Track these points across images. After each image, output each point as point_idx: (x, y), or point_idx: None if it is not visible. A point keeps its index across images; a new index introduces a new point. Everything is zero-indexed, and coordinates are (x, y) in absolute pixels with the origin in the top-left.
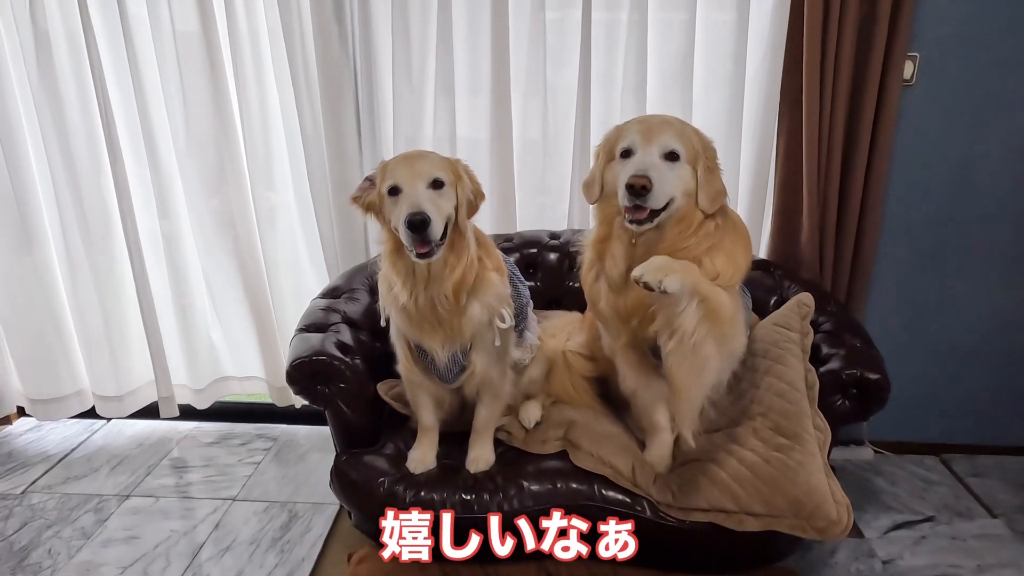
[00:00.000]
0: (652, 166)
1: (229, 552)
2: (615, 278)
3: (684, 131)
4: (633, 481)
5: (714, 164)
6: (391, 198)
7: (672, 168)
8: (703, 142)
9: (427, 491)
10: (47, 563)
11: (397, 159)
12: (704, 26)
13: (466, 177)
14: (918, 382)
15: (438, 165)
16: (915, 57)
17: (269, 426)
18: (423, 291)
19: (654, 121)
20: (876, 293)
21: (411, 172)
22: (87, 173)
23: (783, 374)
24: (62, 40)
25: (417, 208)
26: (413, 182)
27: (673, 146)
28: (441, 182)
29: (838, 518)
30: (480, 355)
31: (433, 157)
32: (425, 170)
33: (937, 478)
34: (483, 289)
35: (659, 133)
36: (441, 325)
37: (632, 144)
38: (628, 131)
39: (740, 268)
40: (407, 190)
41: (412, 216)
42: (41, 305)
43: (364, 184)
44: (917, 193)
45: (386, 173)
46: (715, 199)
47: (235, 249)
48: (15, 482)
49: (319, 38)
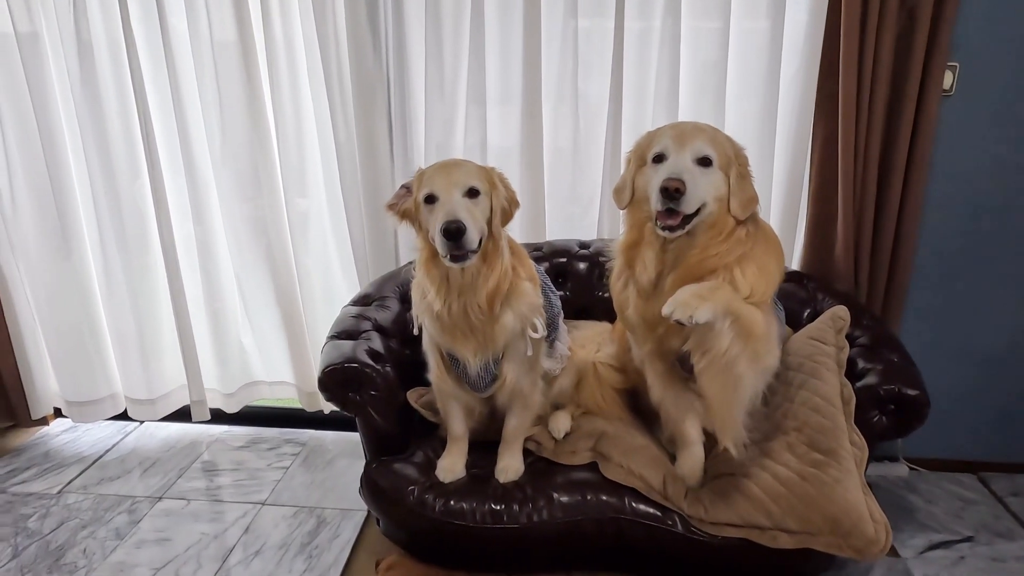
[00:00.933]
0: (685, 170)
1: (258, 556)
2: (644, 284)
3: (716, 137)
4: (664, 494)
5: (746, 170)
6: (427, 206)
7: (705, 173)
8: (735, 148)
9: (456, 500)
10: (82, 563)
11: (433, 167)
12: (738, 35)
13: (501, 185)
14: (954, 397)
15: (474, 174)
16: (955, 67)
17: (297, 431)
18: (457, 299)
19: (687, 127)
20: (911, 305)
21: (447, 180)
22: (125, 180)
23: (818, 388)
24: (104, 50)
25: (453, 216)
26: (449, 190)
27: (706, 151)
28: (476, 191)
29: (876, 537)
30: (512, 365)
31: (469, 166)
32: (461, 179)
33: (975, 497)
34: (516, 298)
35: (692, 138)
36: (474, 333)
37: (665, 149)
38: (661, 136)
39: (772, 281)
40: (443, 198)
41: (448, 224)
42: (78, 309)
43: (400, 192)
44: (955, 205)
45: (422, 181)
46: (747, 205)
47: (267, 255)
48: (52, 482)
49: (353, 47)
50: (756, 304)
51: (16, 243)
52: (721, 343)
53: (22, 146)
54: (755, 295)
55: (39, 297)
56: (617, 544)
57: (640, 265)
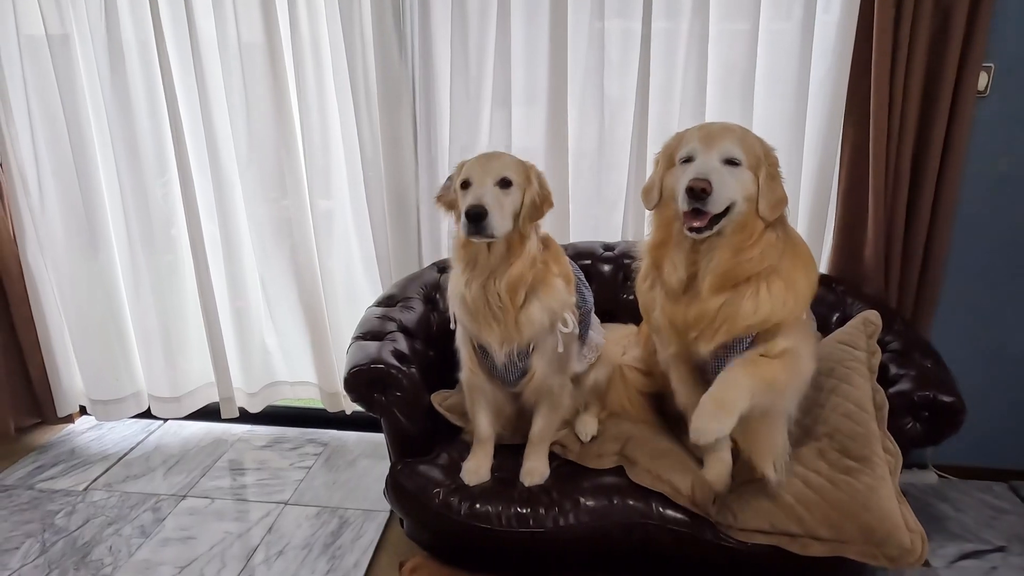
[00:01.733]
0: (713, 170)
1: (281, 556)
2: (674, 285)
3: (745, 138)
4: (692, 500)
5: (776, 171)
6: (462, 192)
7: (732, 173)
8: (765, 149)
9: (482, 503)
10: (108, 560)
11: (474, 158)
12: (767, 36)
13: (536, 182)
14: (986, 404)
15: (509, 166)
16: (990, 68)
17: (319, 431)
18: (480, 281)
19: (715, 128)
20: (942, 310)
21: (482, 169)
22: (152, 180)
23: (850, 394)
24: (134, 52)
25: (478, 200)
26: (483, 178)
27: (734, 152)
28: (509, 181)
29: (912, 547)
30: (540, 359)
31: (506, 158)
32: (495, 168)
33: (1007, 506)
34: (545, 292)
35: (720, 139)
36: (498, 321)
37: (692, 151)
38: (689, 137)
39: (801, 297)
40: (475, 185)
41: (471, 207)
42: (104, 308)
43: (446, 184)
44: (989, 208)
45: (462, 170)
46: (776, 207)
47: (291, 256)
48: (78, 479)
49: (379, 49)
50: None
51: (44, 242)
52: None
53: (51, 146)
54: (779, 314)
55: (66, 295)
56: (643, 549)
57: (669, 266)
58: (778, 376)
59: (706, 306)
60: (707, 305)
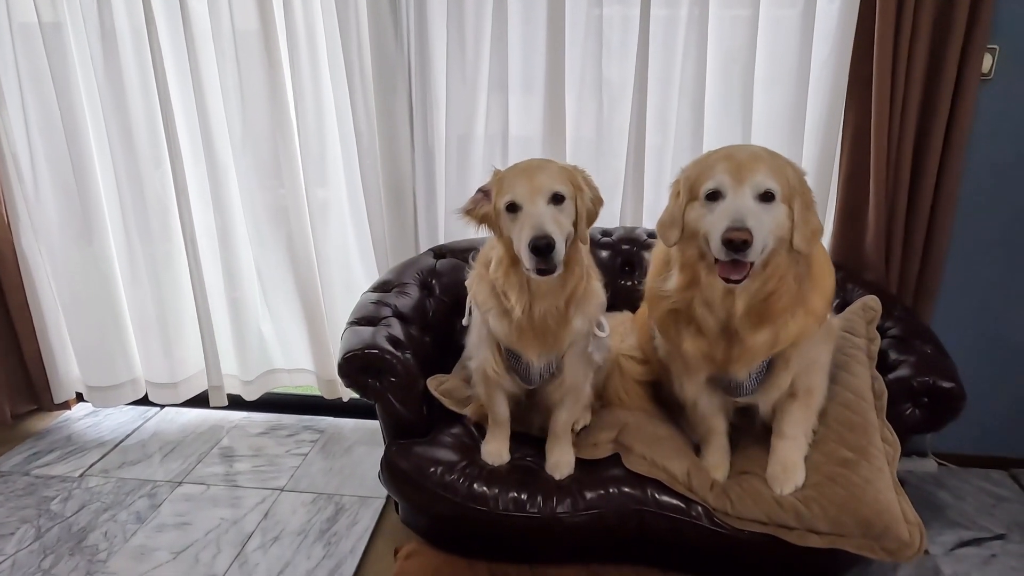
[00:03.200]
0: (750, 213)
1: (277, 542)
2: (712, 327)
3: (777, 164)
4: (688, 486)
5: (810, 199)
6: (509, 214)
7: (767, 211)
8: (798, 175)
9: (480, 484)
10: (103, 545)
11: (515, 171)
12: (767, 21)
13: (586, 187)
14: (986, 392)
15: (557, 177)
16: (994, 50)
17: (316, 418)
18: (536, 304)
19: (742, 156)
20: (943, 296)
21: (530, 187)
22: (147, 167)
23: (848, 382)
24: (127, 38)
25: (541, 232)
26: (533, 199)
27: (768, 185)
28: (562, 196)
29: (910, 540)
30: (572, 361)
31: (552, 168)
32: (545, 184)
33: (1007, 494)
34: (587, 300)
35: (751, 171)
36: (545, 336)
37: (720, 185)
38: (714, 169)
39: (820, 316)
40: (527, 208)
41: (536, 241)
42: (100, 294)
43: (477, 196)
44: (992, 193)
45: (503, 186)
46: (812, 239)
47: (287, 243)
48: (74, 465)
49: (374, 35)
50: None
51: (39, 228)
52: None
53: (45, 133)
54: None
55: (61, 282)
56: (639, 536)
57: (702, 309)
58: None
59: (750, 345)
60: (752, 344)
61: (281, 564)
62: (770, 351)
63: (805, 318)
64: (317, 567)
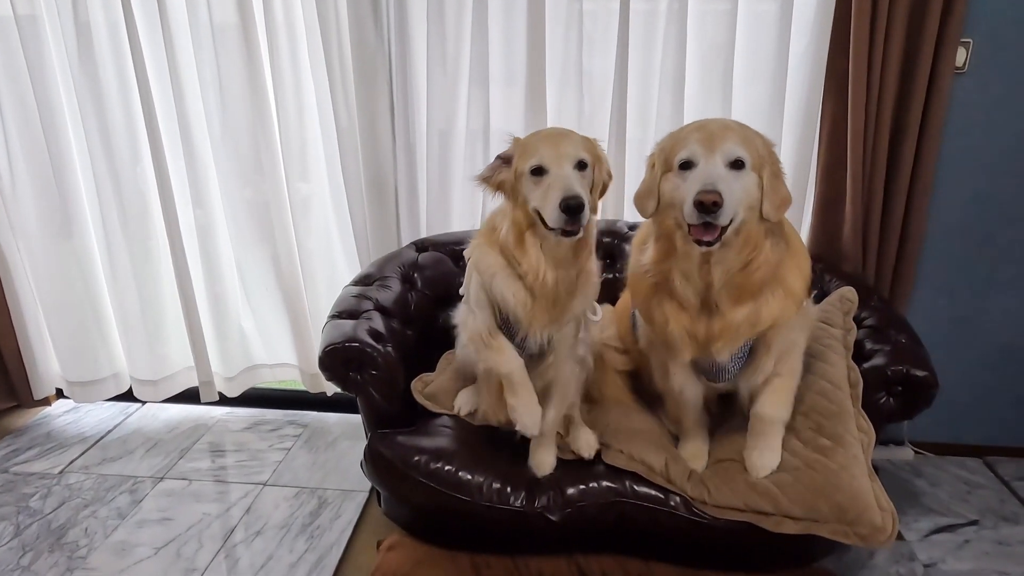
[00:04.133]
0: (720, 178)
1: (260, 536)
2: (690, 299)
3: (747, 135)
4: (667, 477)
5: (779, 169)
6: (533, 178)
7: (738, 178)
8: (767, 145)
9: (465, 473)
10: (83, 542)
11: (538, 137)
12: (746, 15)
13: (603, 158)
14: (962, 381)
15: (581, 145)
16: (968, 43)
17: (300, 413)
18: (553, 271)
19: (714, 127)
20: (920, 288)
21: (557, 152)
22: (126, 161)
23: (825, 372)
24: (104, 31)
25: (572, 192)
26: (560, 163)
27: (738, 153)
28: (585, 163)
29: (883, 525)
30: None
31: (575, 137)
32: (571, 151)
33: (981, 481)
34: (588, 279)
35: (721, 140)
36: (555, 305)
37: (693, 154)
38: (686, 139)
39: (799, 298)
40: (555, 171)
41: (568, 200)
42: (80, 289)
43: (495, 164)
44: (967, 185)
45: (527, 151)
46: (780, 207)
47: (268, 238)
48: (53, 462)
49: (354, 28)
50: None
51: (16, 224)
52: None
53: (22, 128)
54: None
55: (40, 277)
56: (619, 527)
57: (679, 280)
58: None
59: (731, 319)
60: (732, 318)
61: (264, 558)
62: (752, 330)
63: (785, 299)
64: (300, 560)
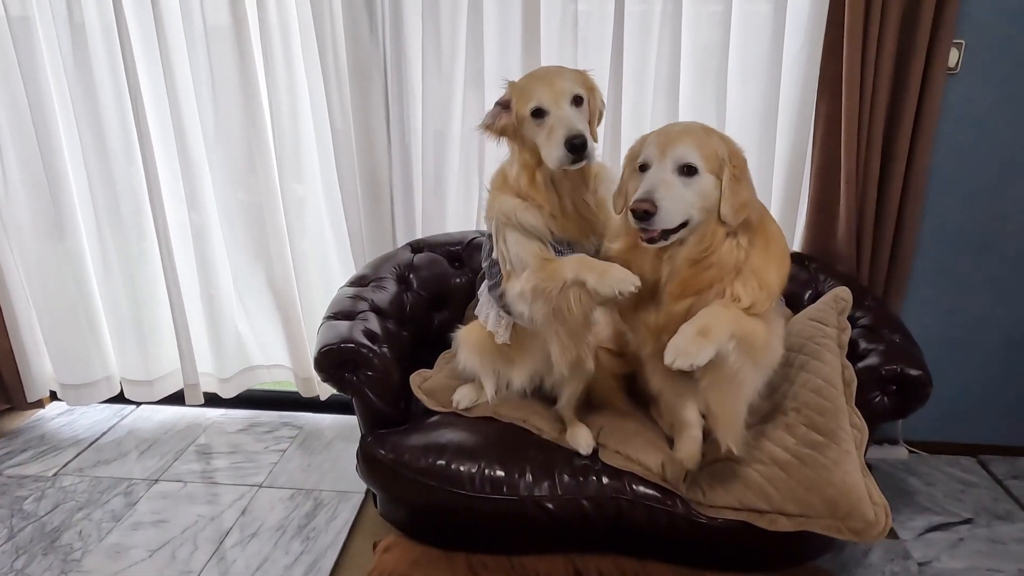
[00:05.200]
0: (660, 185)
1: (255, 538)
2: (645, 291)
3: (705, 140)
4: (663, 478)
5: (741, 173)
6: (535, 120)
7: (688, 184)
8: (730, 149)
9: (457, 463)
10: (78, 544)
11: (532, 78)
12: (740, 17)
13: (596, 88)
14: (955, 380)
15: (576, 81)
16: (960, 44)
17: (295, 414)
18: (568, 196)
19: (674, 131)
20: (914, 288)
21: (553, 92)
22: (119, 163)
23: (819, 370)
24: (97, 32)
25: (575, 131)
26: (558, 102)
27: (689, 159)
28: (581, 98)
29: (875, 520)
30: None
31: (569, 73)
32: (567, 87)
33: (975, 479)
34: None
35: (675, 144)
36: (586, 222)
37: (648, 158)
38: (648, 143)
39: (772, 292)
40: (554, 112)
41: (572, 139)
42: (72, 292)
43: (495, 110)
44: (960, 186)
45: (524, 94)
46: (739, 211)
47: (263, 240)
48: (47, 464)
49: (349, 29)
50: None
51: (9, 225)
52: (725, 363)
53: (14, 128)
54: (756, 308)
55: (32, 279)
56: (616, 525)
57: (637, 272)
58: (758, 331)
59: (671, 310)
60: (672, 309)
61: (259, 560)
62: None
63: (759, 291)
64: (295, 562)
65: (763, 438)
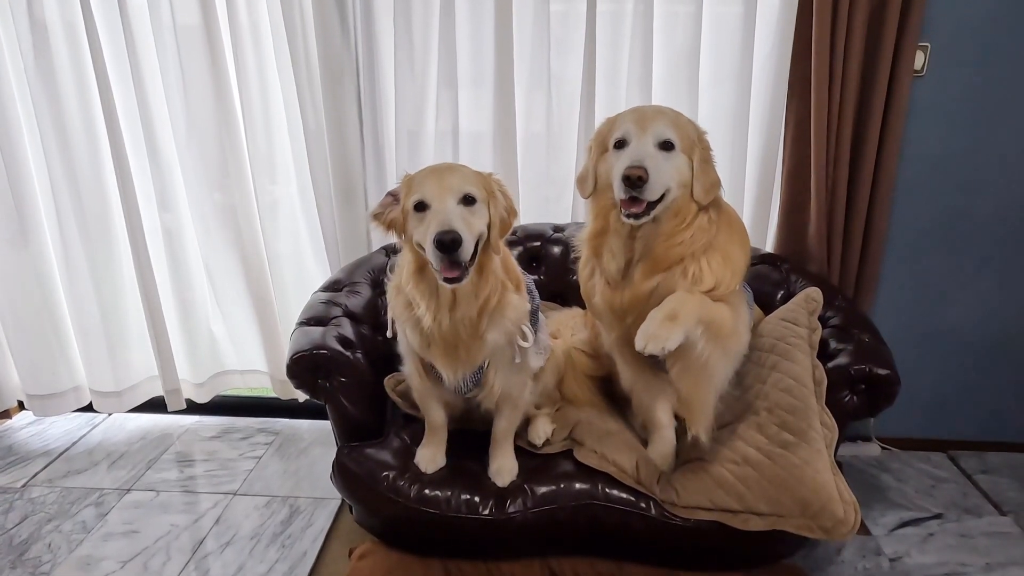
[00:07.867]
0: (648, 155)
1: (230, 546)
2: (612, 273)
3: (678, 120)
4: (637, 479)
5: (709, 155)
6: (417, 214)
7: (668, 158)
8: (698, 132)
9: (431, 488)
10: (47, 557)
11: (424, 172)
12: (711, 18)
13: (499, 194)
14: (926, 378)
15: (469, 179)
16: (926, 47)
17: (271, 420)
18: (447, 314)
19: (647, 111)
20: (885, 287)
21: (440, 186)
22: (85, 166)
23: (790, 370)
24: (60, 31)
25: (447, 226)
26: (442, 197)
27: (668, 135)
28: (473, 198)
29: (845, 517)
30: (498, 373)
31: (464, 171)
32: (456, 184)
33: (945, 475)
34: (501, 313)
35: (653, 122)
36: (458, 349)
37: (626, 134)
38: (622, 121)
39: (738, 270)
40: (436, 206)
41: (442, 235)
42: (38, 299)
43: (386, 200)
44: (928, 186)
45: (411, 187)
46: (710, 190)
47: (237, 242)
48: (15, 476)
49: (320, 29)
50: (723, 295)
51: None
52: (694, 350)
53: None
54: (721, 286)
55: None
56: (592, 530)
57: (607, 254)
58: (724, 317)
59: (639, 289)
60: (640, 288)
61: (234, 568)
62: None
63: (724, 267)
64: (271, 570)
65: (735, 437)
